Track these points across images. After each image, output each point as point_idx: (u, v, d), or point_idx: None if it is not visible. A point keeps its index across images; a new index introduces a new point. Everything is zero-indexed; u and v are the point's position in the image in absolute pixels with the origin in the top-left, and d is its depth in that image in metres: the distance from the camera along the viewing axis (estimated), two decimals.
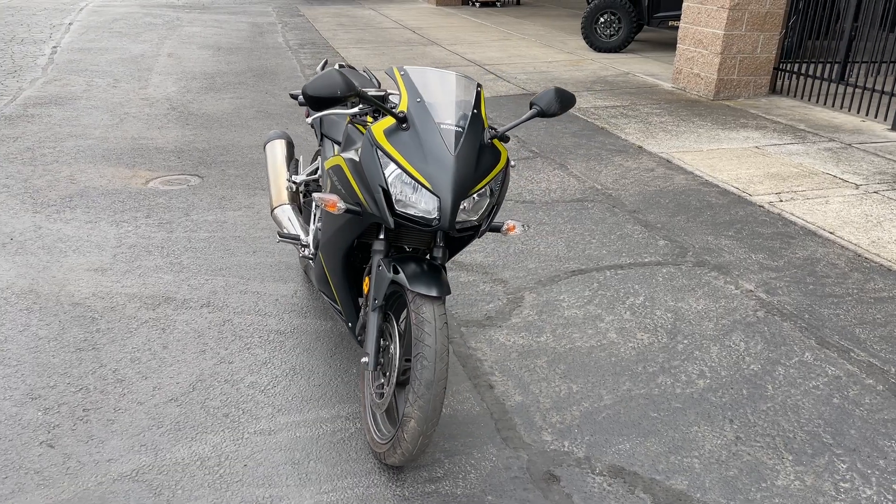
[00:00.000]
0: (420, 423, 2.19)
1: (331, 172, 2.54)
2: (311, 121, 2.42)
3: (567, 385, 2.92)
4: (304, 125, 6.50)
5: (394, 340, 2.38)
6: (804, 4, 7.78)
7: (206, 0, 16.21)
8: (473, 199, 2.28)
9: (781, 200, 4.88)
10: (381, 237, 2.40)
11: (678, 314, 3.46)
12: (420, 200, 2.21)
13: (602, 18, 10.36)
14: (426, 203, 2.20)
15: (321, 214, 2.81)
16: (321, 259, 2.78)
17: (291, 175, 3.43)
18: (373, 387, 2.52)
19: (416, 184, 2.19)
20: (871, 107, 7.41)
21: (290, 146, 3.64)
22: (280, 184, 3.41)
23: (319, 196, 2.27)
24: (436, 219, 2.20)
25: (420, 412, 2.18)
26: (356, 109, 2.43)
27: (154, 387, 2.84)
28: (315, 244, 3.01)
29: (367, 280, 2.51)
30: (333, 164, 2.52)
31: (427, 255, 2.50)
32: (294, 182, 3.37)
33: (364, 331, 2.62)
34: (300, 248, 3.15)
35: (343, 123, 2.99)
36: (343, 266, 2.63)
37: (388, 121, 2.29)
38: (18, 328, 3.21)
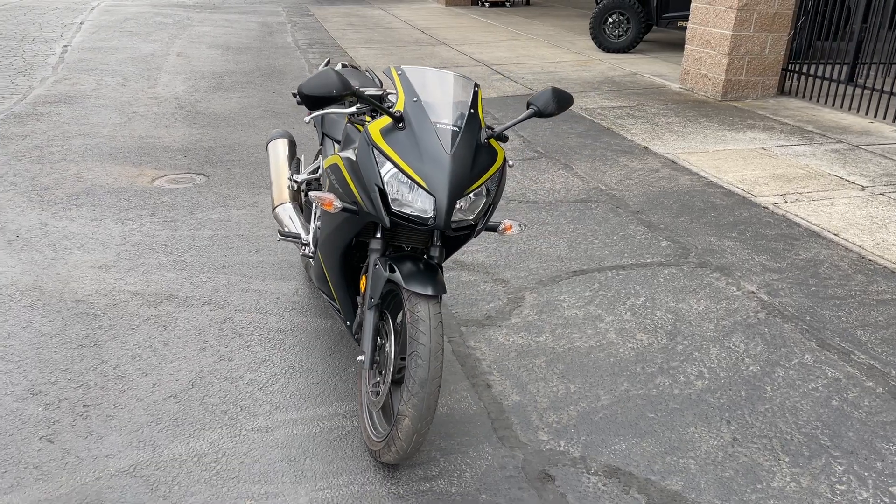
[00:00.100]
0: (414, 422, 2.20)
1: (329, 171, 2.55)
2: (310, 119, 2.43)
3: (565, 385, 2.92)
4: (309, 124, 6.51)
5: (389, 339, 2.39)
6: (813, 5, 7.74)
7: (217, 0, 16.27)
8: (470, 199, 2.29)
9: (786, 202, 4.86)
10: (378, 236, 2.41)
11: (679, 315, 3.46)
12: (416, 199, 2.21)
13: (610, 19, 10.33)
14: (422, 202, 2.21)
15: (320, 213, 2.83)
16: (320, 257, 2.80)
17: (293, 174, 3.45)
18: (369, 385, 2.53)
19: (412, 183, 2.20)
20: (880, 108, 7.37)
21: (293, 145, 3.65)
22: (282, 183, 3.43)
23: (316, 195, 2.29)
24: (431, 218, 2.21)
25: (414, 410, 2.18)
26: (354, 109, 2.44)
27: (154, 383, 2.86)
28: (315, 243, 3.02)
29: (364, 278, 2.52)
30: (331, 163, 2.53)
31: (425, 255, 2.51)
32: (295, 181, 3.38)
33: (361, 329, 2.64)
34: (300, 247, 3.16)
35: (344, 123, 3.00)
36: (341, 264, 2.65)
37: (385, 120, 2.30)
38: (22, 324, 3.24)
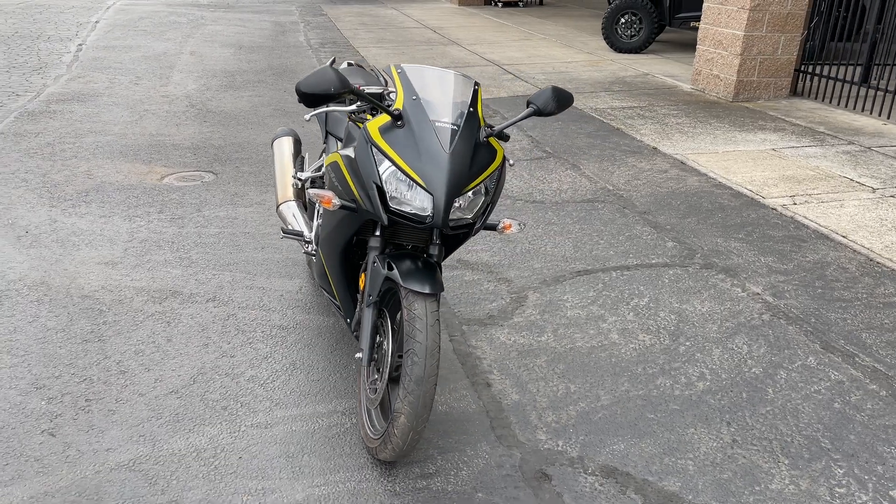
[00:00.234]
0: (410, 419, 2.20)
1: (329, 169, 2.56)
2: (310, 117, 2.44)
3: (565, 385, 2.92)
4: (315, 123, 6.54)
5: (387, 336, 2.40)
6: (826, 5, 7.68)
7: None
8: (469, 197, 2.29)
9: (795, 203, 4.83)
10: (377, 234, 2.42)
11: (682, 316, 3.44)
12: (414, 198, 2.22)
13: (623, 19, 10.30)
14: (420, 200, 2.21)
15: (322, 211, 2.84)
16: (321, 255, 2.81)
17: (297, 172, 3.46)
18: (367, 382, 2.54)
19: (411, 181, 2.21)
20: (894, 110, 7.30)
21: (298, 143, 3.67)
22: (286, 180, 3.44)
23: (314, 192, 2.30)
24: (429, 216, 2.21)
25: (410, 408, 2.19)
26: (354, 107, 2.45)
27: (156, 379, 2.89)
28: (316, 240, 3.03)
29: (364, 276, 2.53)
30: (332, 161, 2.54)
31: (425, 253, 2.52)
32: (299, 179, 3.40)
33: (360, 326, 2.64)
34: (303, 245, 3.18)
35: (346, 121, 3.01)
36: (341, 262, 2.66)
37: (384, 118, 2.30)
38: (28, 319, 3.28)
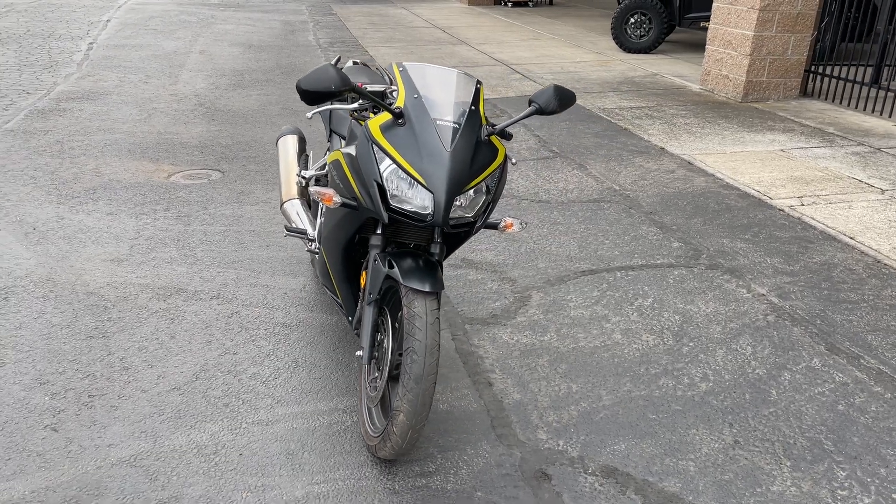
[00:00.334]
0: (409, 417, 2.20)
1: (331, 167, 2.57)
2: (311, 115, 2.44)
3: (567, 384, 2.91)
4: (320, 122, 6.54)
5: (387, 334, 2.40)
6: (837, 6, 7.63)
7: None
8: (469, 196, 2.29)
9: (803, 204, 4.80)
10: (379, 232, 2.42)
11: (686, 317, 3.43)
12: (415, 196, 2.22)
13: (632, 19, 10.27)
14: (420, 198, 2.21)
15: (324, 209, 2.84)
16: (323, 253, 2.81)
17: (301, 170, 3.46)
18: (367, 380, 2.54)
19: (411, 179, 2.20)
20: None
21: (302, 142, 3.68)
22: (290, 178, 3.45)
23: (315, 189, 2.30)
24: (430, 214, 2.21)
25: (409, 406, 2.19)
26: (356, 105, 2.45)
27: (159, 375, 2.90)
28: (319, 238, 3.04)
29: (365, 274, 2.53)
30: (334, 159, 2.54)
31: (426, 252, 2.51)
32: (303, 177, 3.40)
33: (361, 324, 2.64)
34: (307, 242, 3.18)
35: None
36: (343, 260, 2.66)
37: (385, 116, 2.30)
38: (34, 315, 3.30)
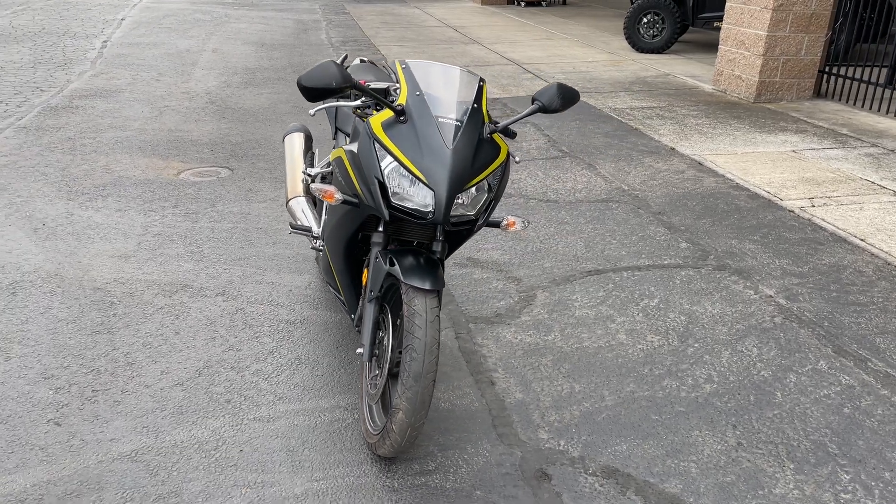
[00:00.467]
0: (408, 415, 2.20)
1: (334, 164, 2.57)
2: (315, 112, 2.44)
3: (570, 384, 2.90)
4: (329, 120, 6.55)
5: (388, 332, 2.40)
6: (852, 6, 7.56)
7: None
8: (471, 194, 2.28)
9: (813, 206, 4.76)
10: (380, 229, 2.41)
11: (692, 317, 3.40)
12: (416, 193, 2.21)
13: (645, 19, 10.22)
14: (422, 196, 2.21)
15: (328, 206, 2.84)
16: (326, 250, 2.81)
17: (307, 167, 3.47)
18: (368, 377, 2.53)
19: (413, 177, 2.20)
20: None
21: (309, 139, 3.68)
22: (296, 176, 3.45)
23: (317, 186, 2.30)
24: (430, 212, 2.20)
25: (408, 404, 2.18)
26: (359, 102, 2.45)
27: (162, 371, 2.91)
28: (323, 235, 3.04)
29: (367, 272, 2.53)
30: (336, 156, 2.54)
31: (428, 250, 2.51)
32: (309, 174, 3.40)
33: (362, 322, 2.64)
34: (311, 240, 3.18)
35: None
36: (345, 257, 2.66)
37: (387, 113, 2.30)
38: (40, 310, 3.32)
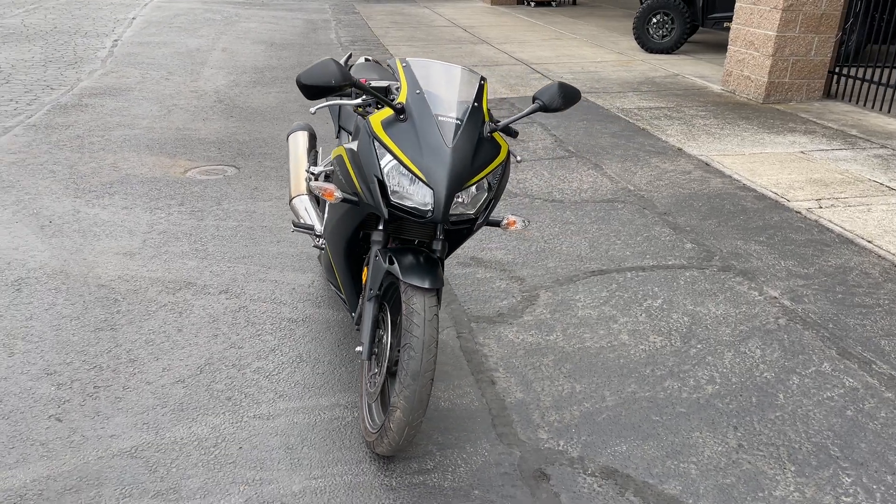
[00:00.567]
0: (406, 414, 2.20)
1: (335, 162, 2.57)
2: (315, 110, 2.45)
3: (571, 384, 2.89)
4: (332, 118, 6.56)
5: (387, 330, 2.40)
6: (862, 7, 7.51)
7: None
8: (471, 192, 2.28)
9: (821, 207, 4.73)
10: (380, 228, 2.41)
11: (695, 318, 3.39)
12: (415, 192, 2.21)
13: (654, 19, 10.18)
14: (421, 195, 2.21)
15: (329, 204, 2.84)
16: (327, 248, 2.82)
17: (310, 166, 3.47)
18: (367, 376, 2.53)
19: (412, 175, 2.20)
20: None
21: (313, 138, 3.69)
22: (299, 174, 3.46)
23: (316, 185, 2.30)
24: (430, 210, 2.20)
25: (406, 402, 2.18)
26: (360, 100, 2.45)
27: (164, 368, 2.92)
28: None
29: (367, 270, 2.53)
30: (337, 155, 2.55)
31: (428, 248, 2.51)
32: (312, 173, 3.41)
33: (361, 320, 2.64)
34: (314, 238, 3.19)
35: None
36: (346, 255, 2.66)
37: (387, 112, 2.30)
38: (45, 306, 3.34)
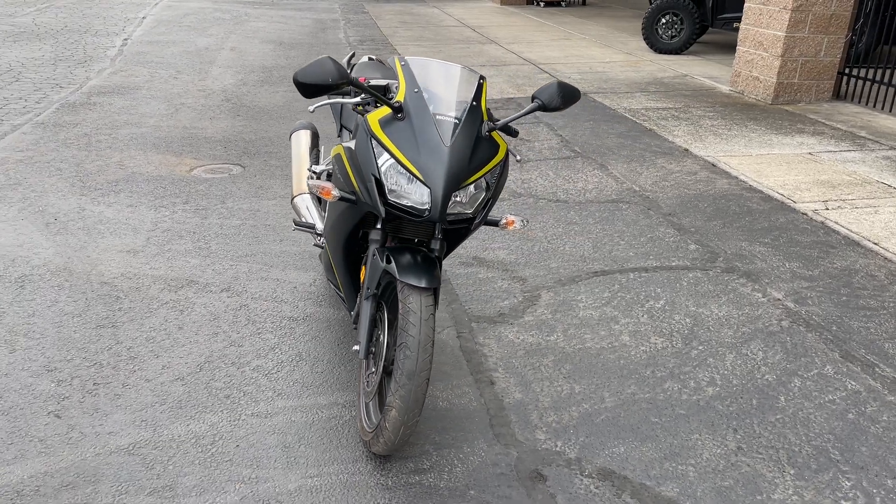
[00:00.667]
0: (401, 413, 2.19)
1: (333, 161, 2.57)
2: (314, 109, 2.44)
3: (570, 385, 2.87)
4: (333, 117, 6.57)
5: (384, 329, 2.39)
6: (873, 7, 7.45)
7: None
8: (470, 192, 2.27)
9: (827, 209, 4.69)
10: (378, 227, 2.41)
11: (697, 320, 3.37)
12: (413, 191, 2.21)
13: (664, 19, 10.14)
14: (418, 194, 2.20)
15: (328, 203, 2.84)
16: (326, 247, 2.82)
17: (312, 164, 3.47)
18: (364, 375, 2.53)
19: (410, 174, 2.19)
20: None
21: (315, 137, 3.69)
22: (302, 173, 3.46)
23: (313, 183, 2.30)
24: (427, 209, 2.20)
25: (401, 402, 2.18)
26: (358, 99, 2.45)
27: (163, 365, 2.93)
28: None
29: (365, 269, 2.53)
30: (336, 153, 2.55)
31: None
32: (314, 172, 3.41)
33: (359, 319, 2.64)
34: (315, 237, 3.19)
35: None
36: (344, 254, 2.66)
37: (385, 110, 2.29)
38: (47, 303, 3.35)
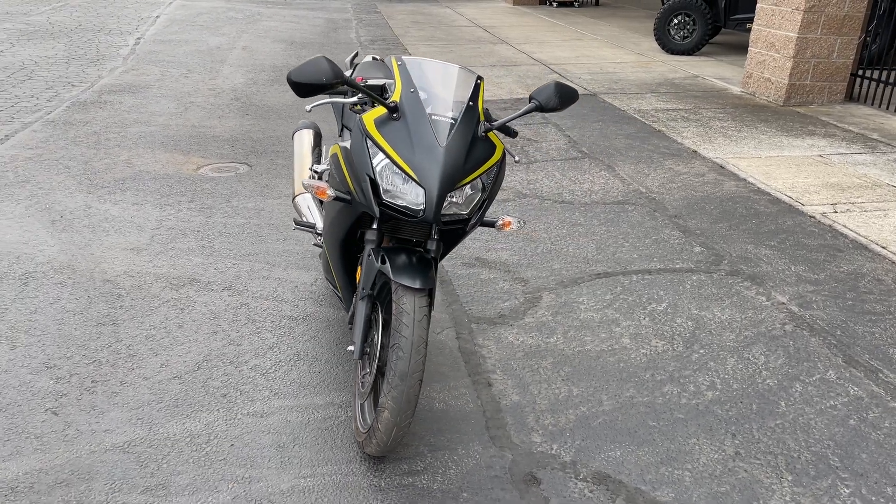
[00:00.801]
0: (394, 414, 2.18)
1: (330, 160, 2.57)
2: (311, 108, 2.44)
3: (568, 388, 2.86)
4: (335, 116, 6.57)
5: (378, 330, 2.38)
6: (887, 8, 7.37)
7: None
8: (465, 192, 2.26)
9: (836, 212, 4.64)
10: (374, 227, 2.40)
11: (699, 323, 3.34)
12: (408, 191, 2.20)
13: (676, 20, 10.07)
14: (413, 194, 2.19)
15: (325, 203, 2.84)
16: (324, 247, 2.81)
17: (314, 164, 3.47)
18: (359, 375, 2.53)
19: (405, 174, 2.18)
20: None
21: (318, 136, 3.69)
22: (303, 172, 3.46)
23: (309, 182, 2.29)
24: (421, 210, 2.19)
25: (394, 403, 2.17)
26: (355, 98, 2.44)
27: (162, 364, 2.93)
28: None
29: (360, 269, 2.52)
30: (333, 153, 2.54)
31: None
32: (316, 171, 3.41)
33: (354, 319, 2.63)
34: (315, 236, 3.19)
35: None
36: (341, 254, 2.65)
37: (381, 110, 2.28)
38: (49, 300, 3.37)
